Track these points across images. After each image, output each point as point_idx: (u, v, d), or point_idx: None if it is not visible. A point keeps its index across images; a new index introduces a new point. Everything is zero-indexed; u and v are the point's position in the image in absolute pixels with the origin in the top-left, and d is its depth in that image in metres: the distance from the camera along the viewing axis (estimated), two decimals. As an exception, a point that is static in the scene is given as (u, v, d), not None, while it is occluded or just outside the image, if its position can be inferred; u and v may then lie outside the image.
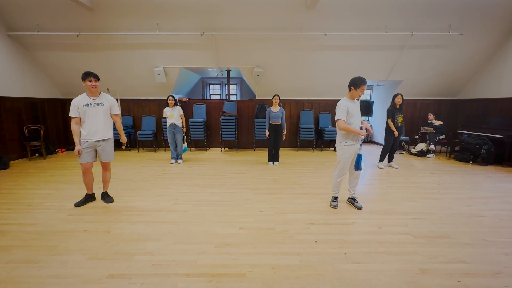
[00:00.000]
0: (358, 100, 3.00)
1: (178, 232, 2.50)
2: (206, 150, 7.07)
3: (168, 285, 1.77)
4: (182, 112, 5.32)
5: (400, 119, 4.93)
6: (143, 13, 5.19)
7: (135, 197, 3.46)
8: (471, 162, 5.44)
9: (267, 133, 5.10)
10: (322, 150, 7.08)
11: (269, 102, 6.79)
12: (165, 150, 7.01)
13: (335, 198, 3.17)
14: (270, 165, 5.26)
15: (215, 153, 6.61)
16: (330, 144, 7.36)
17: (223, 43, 5.85)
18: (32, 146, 5.70)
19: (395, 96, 4.91)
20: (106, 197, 3.29)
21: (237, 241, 2.34)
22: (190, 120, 6.66)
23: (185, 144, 5.58)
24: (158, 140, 7.12)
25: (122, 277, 1.84)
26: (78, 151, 2.99)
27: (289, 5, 5.03)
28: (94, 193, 3.36)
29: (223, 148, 7.11)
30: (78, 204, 3.15)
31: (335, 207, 3.10)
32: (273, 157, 5.31)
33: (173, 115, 5.19)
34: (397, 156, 6.24)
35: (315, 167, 5.13)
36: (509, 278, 1.84)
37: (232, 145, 7.23)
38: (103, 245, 2.27)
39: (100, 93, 3.12)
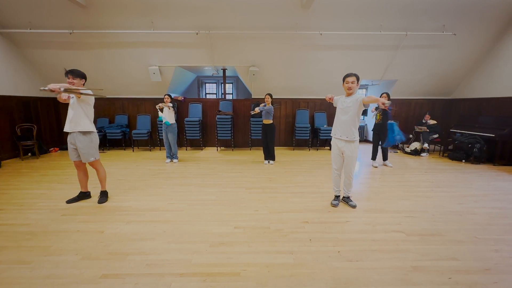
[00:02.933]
0: (349, 96, 2.91)
1: (172, 232, 2.49)
2: (202, 149, 7.05)
3: (162, 285, 1.76)
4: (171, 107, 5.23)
5: (378, 116, 5.11)
6: (137, 11, 5.14)
7: (129, 196, 3.43)
8: (463, 160, 5.52)
9: (256, 110, 5.07)
10: (317, 149, 7.11)
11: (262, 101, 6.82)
12: (160, 149, 6.97)
13: (336, 197, 3.19)
14: (265, 164, 5.27)
15: (210, 152, 6.59)
16: (325, 143, 7.40)
17: (219, 42, 5.83)
18: (24, 145, 5.62)
19: (381, 94, 4.97)
20: (100, 197, 3.25)
21: (231, 240, 2.34)
22: (186, 119, 6.64)
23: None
24: (153, 139, 7.08)
25: (115, 277, 1.83)
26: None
27: (284, 5, 5.03)
28: (89, 192, 3.34)
29: (218, 147, 7.10)
30: (70, 201, 3.15)
31: (334, 205, 3.10)
32: (268, 156, 5.33)
33: (163, 112, 5.16)
34: (391, 155, 6.30)
35: (311, 166, 5.15)
36: (499, 275, 1.87)
37: (228, 144, 7.22)
38: (97, 245, 2.25)
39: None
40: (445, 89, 7.05)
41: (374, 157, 5.25)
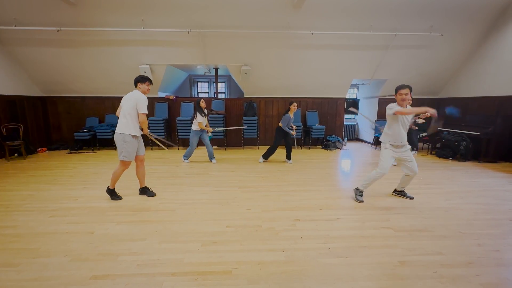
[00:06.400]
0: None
1: (164, 231, 2.49)
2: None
3: (153, 285, 1.76)
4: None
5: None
6: (127, 9, 5.07)
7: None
8: (450, 158, 5.68)
9: (293, 132, 5.23)
10: (309, 148, 7.18)
11: (255, 100, 6.80)
12: (152, 149, 6.90)
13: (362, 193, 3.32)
14: (290, 163, 5.32)
15: (203, 152, 6.55)
16: (317, 142, 7.47)
17: (211, 41, 5.80)
18: (10, 145, 5.47)
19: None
20: (147, 191, 3.44)
21: (223, 239, 2.35)
22: (178, 118, 6.59)
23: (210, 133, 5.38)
24: (144, 139, 6.98)
25: (106, 278, 1.82)
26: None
27: (276, 4, 5.04)
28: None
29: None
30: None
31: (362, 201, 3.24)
32: (289, 155, 5.39)
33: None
34: (376, 152, 6.41)
35: (303, 165, 5.20)
36: (481, 268, 1.95)
37: (221, 143, 7.21)
38: (87, 246, 2.23)
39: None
40: (433, 88, 7.22)
41: None
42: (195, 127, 5.06)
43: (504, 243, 2.30)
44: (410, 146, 3.15)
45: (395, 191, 3.49)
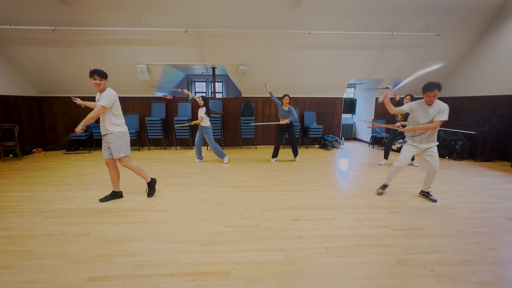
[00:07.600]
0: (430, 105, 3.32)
1: (161, 232, 2.47)
2: (192, 148, 6.99)
3: (151, 286, 1.75)
4: (202, 114, 5.00)
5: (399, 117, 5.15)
6: (124, 8, 5.03)
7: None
8: (447, 157, 5.72)
9: (266, 87, 5.36)
10: (307, 147, 7.19)
11: (253, 100, 6.79)
12: (149, 149, 6.87)
13: (385, 186, 3.48)
14: (272, 162, 5.37)
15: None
16: (315, 141, 7.49)
17: (208, 40, 5.78)
18: (5, 146, 5.41)
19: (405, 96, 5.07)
20: (147, 190, 3.42)
21: (221, 239, 2.35)
22: (175, 118, 6.57)
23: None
24: (142, 139, 6.96)
25: (103, 279, 1.81)
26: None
27: (273, 4, 5.04)
28: (121, 192, 3.37)
29: (208, 147, 7.05)
30: (103, 200, 3.21)
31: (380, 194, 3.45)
32: (295, 152, 5.48)
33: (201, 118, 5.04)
34: (377, 152, 6.44)
35: (300, 164, 5.20)
36: (477, 266, 1.96)
37: (218, 143, 7.17)
38: (83, 247, 2.21)
39: (105, 89, 3.06)
40: (429, 88, 7.26)
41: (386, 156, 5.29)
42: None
43: (500, 241, 2.32)
44: (434, 144, 3.19)
45: (421, 191, 3.46)
